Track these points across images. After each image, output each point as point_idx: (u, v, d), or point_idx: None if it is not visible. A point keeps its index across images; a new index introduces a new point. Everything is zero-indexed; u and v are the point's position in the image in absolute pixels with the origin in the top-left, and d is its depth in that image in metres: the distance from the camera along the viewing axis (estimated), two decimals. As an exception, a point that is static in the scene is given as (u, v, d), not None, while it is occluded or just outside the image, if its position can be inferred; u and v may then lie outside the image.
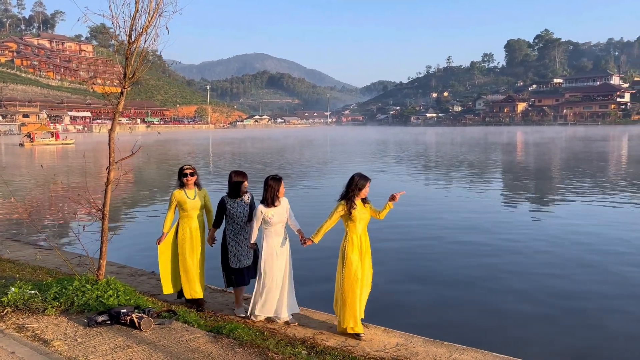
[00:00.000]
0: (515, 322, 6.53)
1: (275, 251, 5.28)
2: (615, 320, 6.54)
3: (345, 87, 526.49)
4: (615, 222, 12.62)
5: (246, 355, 4.04)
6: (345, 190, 5.14)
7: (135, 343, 4.29)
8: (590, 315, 6.72)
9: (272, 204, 5.25)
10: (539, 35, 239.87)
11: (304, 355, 4.18)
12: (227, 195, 5.68)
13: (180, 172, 5.82)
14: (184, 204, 5.72)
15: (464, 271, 8.59)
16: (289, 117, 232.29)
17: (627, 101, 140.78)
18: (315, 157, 38.55)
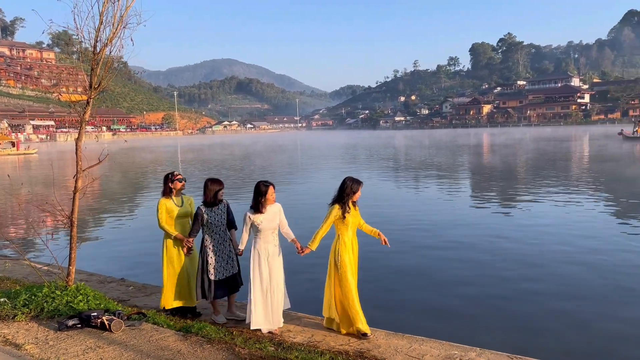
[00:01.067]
0: (466, 312, 6.87)
1: (263, 258, 5.14)
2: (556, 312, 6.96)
3: (315, 92, 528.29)
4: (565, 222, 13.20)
5: (214, 351, 4.24)
6: (339, 194, 5.18)
7: (106, 344, 4.43)
8: (527, 311, 7.10)
9: (260, 209, 5.13)
10: (502, 39, 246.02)
11: (270, 350, 4.39)
12: (203, 204, 5.53)
13: (168, 178, 5.63)
14: (171, 212, 5.55)
15: (420, 266, 8.95)
16: (258, 123, 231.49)
17: (587, 102, 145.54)
18: (285, 162, 38.72)
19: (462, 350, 4.88)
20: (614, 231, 11.64)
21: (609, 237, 10.94)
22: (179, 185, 5.63)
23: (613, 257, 9.36)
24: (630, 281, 7.99)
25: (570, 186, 19.71)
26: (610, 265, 8.86)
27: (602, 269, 8.62)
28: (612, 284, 7.90)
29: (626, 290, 7.58)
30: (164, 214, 5.55)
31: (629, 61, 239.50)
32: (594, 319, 6.56)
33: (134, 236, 12.56)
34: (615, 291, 7.57)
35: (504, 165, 30.62)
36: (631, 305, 7.01)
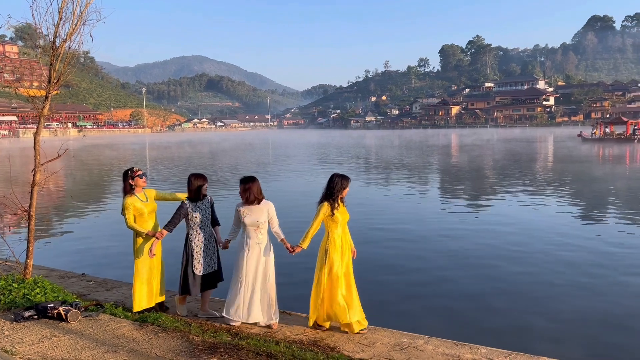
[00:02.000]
0: (416, 303, 7.18)
1: (244, 253, 5.14)
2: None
3: (287, 91, 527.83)
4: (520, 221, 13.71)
5: (169, 338, 4.37)
6: (328, 191, 5.16)
7: (62, 333, 4.51)
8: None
9: (247, 203, 5.14)
10: (471, 41, 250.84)
11: (225, 339, 4.54)
12: (188, 199, 5.45)
13: (128, 175, 5.44)
14: (141, 210, 5.39)
15: (382, 259, 9.24)
16: (229, 121, 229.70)
17: (552, 104, 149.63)
18: (254, 161, 38.69)
19: (410, 338, 5.11)
20: (565, 228, 12.17)
21: (557, 234, 11.45)
22: (141, 182, 5.46)
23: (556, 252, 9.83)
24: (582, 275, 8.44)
25: (530, 186, 20.38)
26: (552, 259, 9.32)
27: (525, 262, 9.07)
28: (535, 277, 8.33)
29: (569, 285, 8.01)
30: (131, 214, 5.34)
31: (592, 65, 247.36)
32: (527, 308, 6.95)
33: (96, 233, 12.49)
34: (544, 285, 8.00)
35: (471, 165, 31.32)
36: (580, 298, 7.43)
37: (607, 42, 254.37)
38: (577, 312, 6.83)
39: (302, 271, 7.78)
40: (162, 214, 5.78)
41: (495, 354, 4.83)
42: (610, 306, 7.00)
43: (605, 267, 8.77)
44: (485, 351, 4.89)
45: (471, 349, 4.92)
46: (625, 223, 12.65)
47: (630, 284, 7.90)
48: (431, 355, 4.67)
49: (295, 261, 6.53)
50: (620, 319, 6.56)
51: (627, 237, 11.01)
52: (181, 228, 5.55)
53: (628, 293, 7.53)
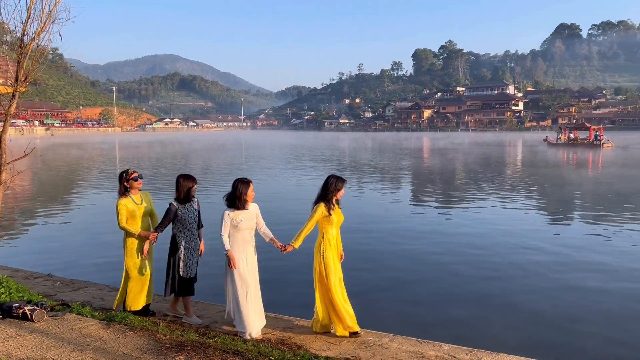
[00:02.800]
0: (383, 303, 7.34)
1: (243, 258, 5.05)
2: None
3: (260, 91, 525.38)
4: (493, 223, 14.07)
5: (136, 337, 4.40)
6: (323, 192, 5.17)
7: (27, 333, 4.49)
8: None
9: (241, 207, 5.02)
10: (443, 46, 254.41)
11: (192, 337, 4.59)
12: (176, 200, 5.40)
13: (123, 176, 5.38)
14: (133, 212, 5.32)
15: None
16: (201, 121, 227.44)
17: (521, 109, 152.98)
18: (228, 162, 38.48)
19: (376, 336, 5.25)
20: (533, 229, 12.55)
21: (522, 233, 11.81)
22: (136, 185, 5.40)
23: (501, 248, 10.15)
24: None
25: (499, 189, 20.87)
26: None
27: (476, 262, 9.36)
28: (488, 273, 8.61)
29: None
30: (124, 215, 5.28)
31: (560, 72, 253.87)
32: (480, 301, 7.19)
33: (62, 233, 12.33)
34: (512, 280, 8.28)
35: (443, 168, 31.83)
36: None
37: (574, 49, 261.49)
38: (538, 311, 7.09)
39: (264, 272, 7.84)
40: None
41: (457, 351, 5.00)
42: (569, 305, 7.29)
43: (565, 269, 9.10)
44: (447, 348, 5.05)
45: (434, 346, 5.08)
46: (588, 225, 13.11)
47: (587, 286, 8.22)
48: (396, 352, 4.80)
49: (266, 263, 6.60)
50: (576, 318, 6.84)
51: (589, 239, 11.43)
52: (166, 230, 5.54)
53: (586, 293, 7.84)
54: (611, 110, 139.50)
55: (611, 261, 9.50)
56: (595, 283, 8.24)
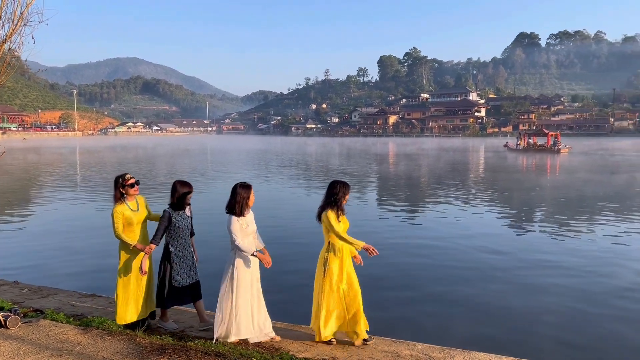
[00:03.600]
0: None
1: (249, 265, 5.01)
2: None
3: (226, 96, 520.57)
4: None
5: (115, 341, 4.38)
6: (331, 198, 5.09)
7: (2, 339, 4.41)
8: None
9: (241, 213, 4.94)
10: (408, 53, 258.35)
11: (170, 340, 4.61)
12: (171, 207, 5.25)
13: (119, 181, 5.15)
14: (130, 220, 5.08)
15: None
16: (165, 125, 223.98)
17: (483, 116, 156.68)
18: (193, 167, 38.08)
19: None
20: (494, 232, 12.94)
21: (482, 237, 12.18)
22: (132, 192, 5.18)
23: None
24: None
25: (460, 193, 21.40)
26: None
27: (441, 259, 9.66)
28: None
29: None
30: (120, 223, 5.03)
31: (520, 79, 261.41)
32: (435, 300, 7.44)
33: (24, 239, 12.01)
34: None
35: (408, 173, 32.34)
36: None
37: (533, 57, 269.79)
38: (506, 309, 7.38)
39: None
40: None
41: (431, 350, 5.17)
42: (531, 304, 7.60)
43: (525, 269, 9.46)
44: (421, 347, 5.22)
45: (408, 345, 5.24)
46: (545, 226, 13.61)
47: (547, 287, 8.58)
48: (371, 352, 4.93)
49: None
50: (540, 316, 7.14)
51: (545, 240, 11.89)
52: None
53: (545, 293, 8.18)
54: (569, 117, 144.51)
55: (567, 261, 9.92)
56: (553, 282, 8.60)
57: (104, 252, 9.97)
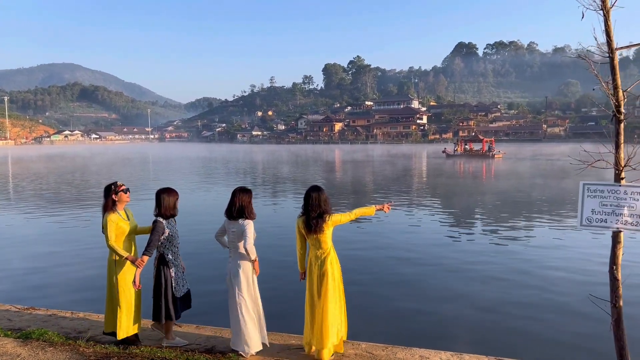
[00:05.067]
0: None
1: (253, 272, 5.07)
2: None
3: (169, 103, 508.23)
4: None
5: (57, 352, 4.29)
6: (323, 206, 4.99)
7: None
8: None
9: (252, 217, 5.02)
10: (352, 61, 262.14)
11: (115, 349, 4.56)
12: (161, 216, 5.09)
13: (111, 189, 5.03)
14: (123, 229, 4.97)
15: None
16: (105, 133, 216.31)
17: (425, 123, 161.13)
18: (133, 176, 37.09)
19: (299, 339, 5.49)
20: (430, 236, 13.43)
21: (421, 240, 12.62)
22: (125, 197, 5.07)
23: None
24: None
25: (397, 197, 22.02)
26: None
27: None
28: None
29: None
30: (113, 232, 4.86)
31: (459, 88, 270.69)
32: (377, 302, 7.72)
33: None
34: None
35: (353, 179, 32.86)
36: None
37: (472, 66, 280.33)
38: (445, 307, 7.72)
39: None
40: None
41: (374, 348, 5.36)
42: (473, 303, 7.99)
43: (464, 271, 9.91)
44: (365, 346, 5.40)
45: (353, 345, 5.40)
46: (476, 227, 14.27)
47: (488, 288, 9.03)
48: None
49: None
50: (477, 313, 7.52)
51: (485, 245, 12.47)
52: None
53: (486, 292, 8.62)
54: (505, 123, 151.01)
55: (502, 261, 10.48)
56: (491, 281, 9.07)
57: (34, 265, 9.63)
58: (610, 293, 3.48)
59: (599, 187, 3.65)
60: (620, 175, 3.51)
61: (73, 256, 11.04)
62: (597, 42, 3.51)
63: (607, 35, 3.48)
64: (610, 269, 3.49)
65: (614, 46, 3.50)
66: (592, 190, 3.67)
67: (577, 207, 3.73)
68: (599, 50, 3.57)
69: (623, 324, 3.44)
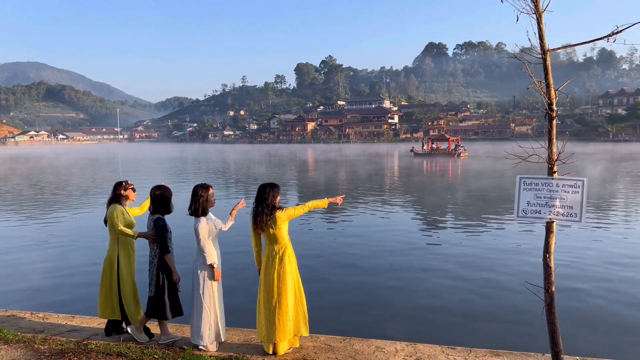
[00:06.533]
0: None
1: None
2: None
3: (138, 102, 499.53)
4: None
5: (11, 350, 4.29)
6: (271, 200, 5.02)
7: None
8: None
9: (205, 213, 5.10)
10: (324, 61, 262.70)
11: (70, 345, 4.58)
12: (161, 213, 5.24)
13: (121, 185, 5.36)
14: (130, 223, 5.25)
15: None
16: (73, 133, 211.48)
17: (396, 122, 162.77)
18: (100, 177, 36.48)
19: (253, 333, 5.61)
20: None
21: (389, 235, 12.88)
22: (132, 196, 5.42)
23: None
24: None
25: (364, 195, 22.32)
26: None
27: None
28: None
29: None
30: (121, 221, 5.15)
31: (430, 87, 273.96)
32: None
33: None
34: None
35: (326, 178, 33.04)
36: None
37: (442, 66, 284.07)
38: (402, 301, 7.94)
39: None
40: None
41: (332, 340, 5.51)
42: (439, 295, 8.24)
43: (430, 269, 10.18)
44: (324, 339, 5.55)
45: (312, 338, 5.54)
46: (437, 225, 14.61)
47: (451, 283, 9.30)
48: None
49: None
50: (437, 306, 7.76)
51: (434, 235, 12.79)
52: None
53: (454, 288, 8.88)
54: (474, 122, 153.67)
55: (465, 254, 10.80)
56: (449, 274, 9.35)
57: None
58: (544, 279, 3.70)
59: (534, 181, 3.88)
60: (553, 169, 3.74)
61: (34, 259, 10.90)
62: (531, 44, 3.73)
63: (540, 38, 3.70)
64: (543, 257, 3.71)
65: (546, 48, 3.73)
66: (527, 183, 3.90)
67: (514, 199, 3.95)
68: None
69: (555, 308, 3.67)
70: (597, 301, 7.80)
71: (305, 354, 5.01)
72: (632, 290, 8.28)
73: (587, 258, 10.40)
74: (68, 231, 14.18)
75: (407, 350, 5.22)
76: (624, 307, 7.53)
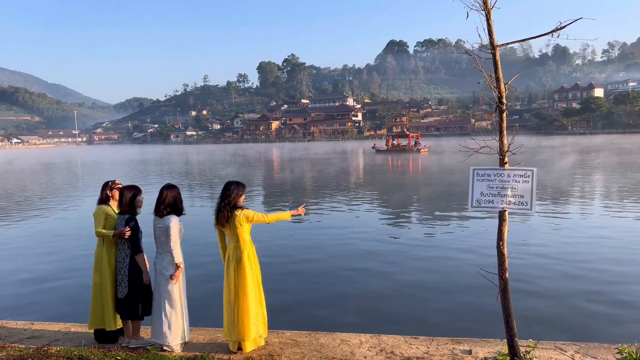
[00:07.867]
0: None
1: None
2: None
3: (97, 104, 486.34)
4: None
5: (-29, 356, 4.17)
6: (234, 197, 5.01)
7: None
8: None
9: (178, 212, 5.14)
10: (287, 59, 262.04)
11: (29, 351, 4.48)
12: (130, 214, 5.23)
13: (108, 185, 5.36)
14: (113, 219, 5.21)
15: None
16: (28, 137, 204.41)
17: (360, 120, 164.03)
18: (58, 184, 35.48)
19: (221, 330, 5.62)
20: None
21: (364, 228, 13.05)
22: (117, 195, 5.33)
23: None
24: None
25: (323, 192, 22.51)
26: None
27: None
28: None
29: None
30: (102, 222, 5.12)
31: (392, 85, 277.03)
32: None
33: None
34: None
35: (291, 177, 33.06)
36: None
37: (403, 64, 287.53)
38: (370, 293, 8.08)
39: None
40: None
41: (298, 335, 5.57)
42: (398, 286, 8.40)
43: (396, 263, 10.36)
44: (289, 334, 5.61)
45: (277, 333, 5.59)
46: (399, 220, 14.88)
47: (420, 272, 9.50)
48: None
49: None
50: (382, 295, 7.93)
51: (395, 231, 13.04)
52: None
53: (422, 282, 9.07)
54: (436, 119, 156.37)
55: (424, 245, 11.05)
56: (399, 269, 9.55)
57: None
58: (498, 266, 3.86)
59: (486, 172, 4.02)
60: (504, 160, 3.90)
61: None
62: (480, 40, 3.87)
63: (489, 34, 3.84)
64: (497, 245, 3.86)
65: (495, 43, 3.87)
66: (480, 174, 4.04)
67: (468, 190, 4.09)
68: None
69: (509, 293, 3.83)
70: (552, 285, 8.13)
71: (271, 350, 5.04)
72: (589, 276, 8.66)
73: (544, 246, 10.79)
74: (24, 238, 13.78)
75: (372, 341, 5.32)
76: (578, 292, 7.87)
